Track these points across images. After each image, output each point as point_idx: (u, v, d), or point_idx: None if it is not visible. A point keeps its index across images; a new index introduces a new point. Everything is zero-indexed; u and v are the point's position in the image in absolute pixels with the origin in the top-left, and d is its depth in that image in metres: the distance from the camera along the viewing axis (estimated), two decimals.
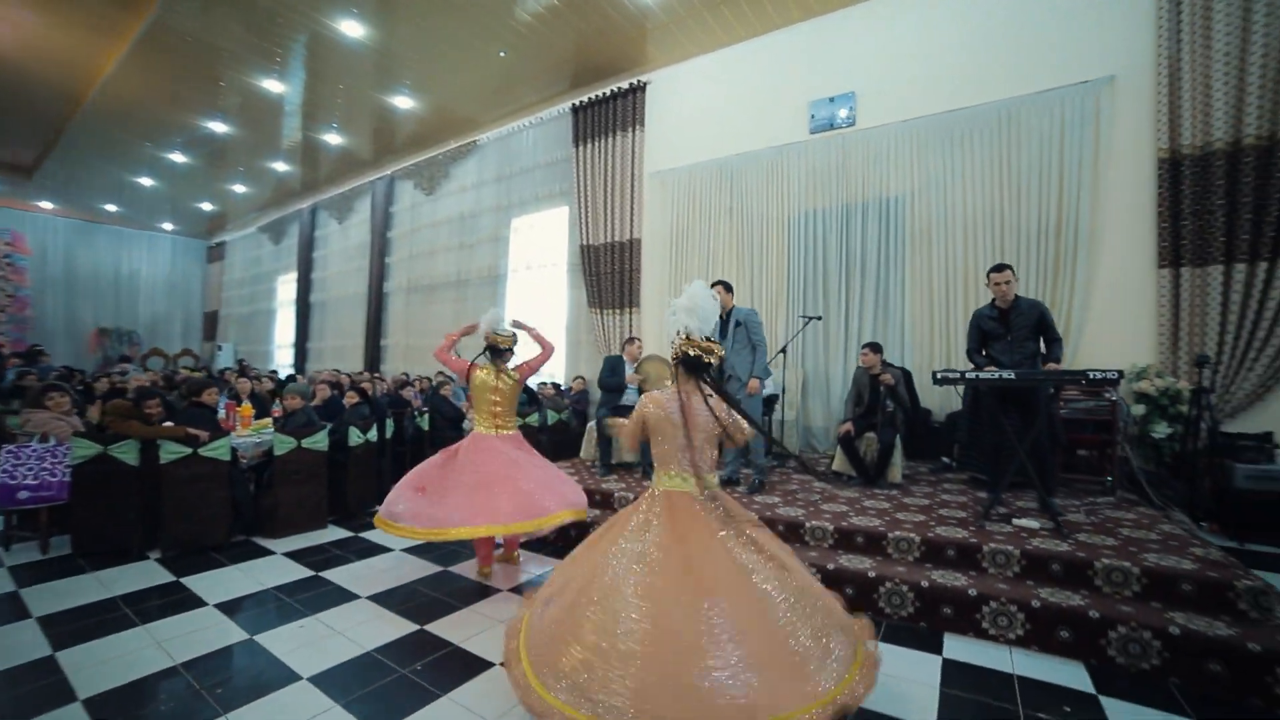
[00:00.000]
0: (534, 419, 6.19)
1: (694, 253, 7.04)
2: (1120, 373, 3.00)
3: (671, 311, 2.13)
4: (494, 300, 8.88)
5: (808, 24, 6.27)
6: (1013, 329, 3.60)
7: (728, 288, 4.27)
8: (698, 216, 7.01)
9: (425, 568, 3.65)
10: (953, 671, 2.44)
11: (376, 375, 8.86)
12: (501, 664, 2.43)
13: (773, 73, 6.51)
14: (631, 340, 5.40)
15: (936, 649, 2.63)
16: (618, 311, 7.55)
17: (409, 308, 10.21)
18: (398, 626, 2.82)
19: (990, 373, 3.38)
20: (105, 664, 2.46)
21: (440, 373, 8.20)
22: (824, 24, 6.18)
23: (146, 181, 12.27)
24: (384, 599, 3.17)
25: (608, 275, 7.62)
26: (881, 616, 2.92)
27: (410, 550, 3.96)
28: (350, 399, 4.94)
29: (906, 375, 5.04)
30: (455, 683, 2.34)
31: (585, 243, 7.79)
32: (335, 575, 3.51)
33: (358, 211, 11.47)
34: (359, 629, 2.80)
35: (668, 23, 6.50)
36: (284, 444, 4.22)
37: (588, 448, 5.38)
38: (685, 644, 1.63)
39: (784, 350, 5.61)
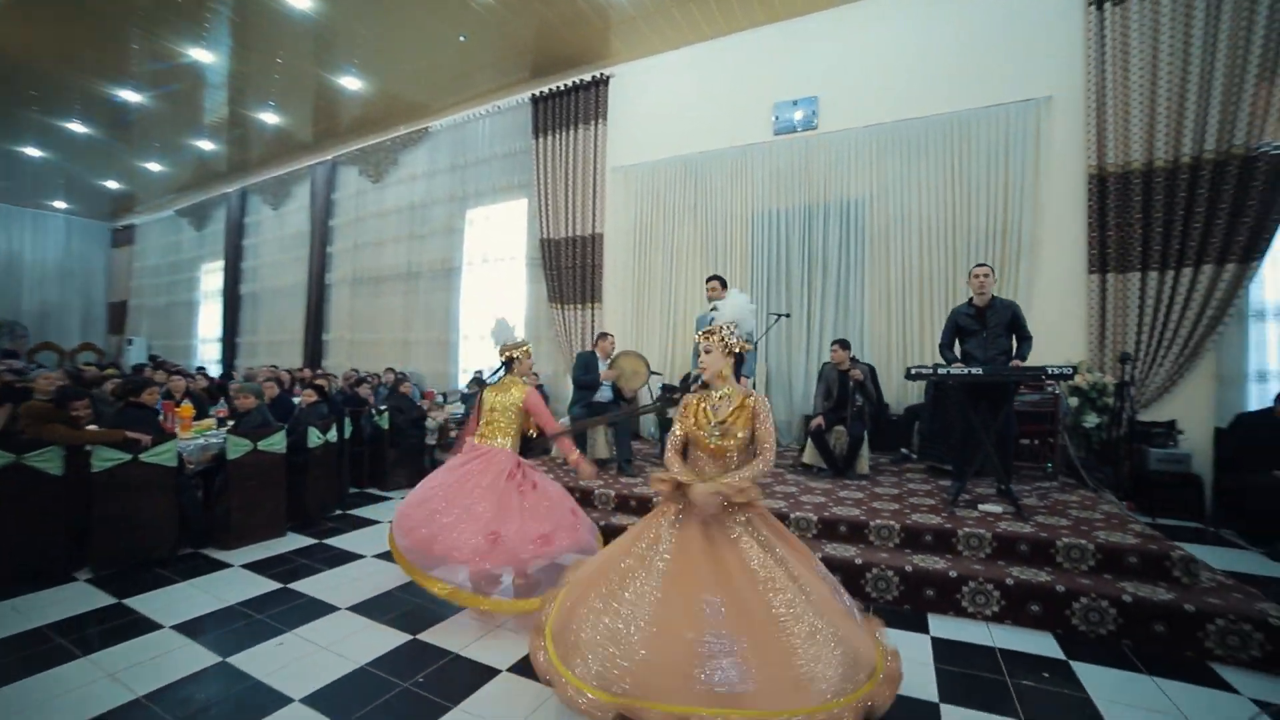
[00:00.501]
0: None
1: (657, 249, 7.07)
2: (1075, 369, 3.30)
3: (730, 321, 2.08)
4: (448, 294, 8.56)
5: (773, 27, 6.42)
6: (988, 326, 3.85)
7: (724, 283, 4.23)
8: (661, 213, 7.04)
9: (404, 574, 3.49)
10: (942, 649, 2.60)
11: (323, 372, 8.34)
12: (509, 670, 2.38)
13: (738, 73, 6.62)
14: (604, 336, 5.36)
15: (923, 629, 2.80)
16: (579, 307, 7.47)
17: (355, 300, 9.66)
18: (388, 637, 2.69)
19: (959, 369, 3.61)
20: (47, 705, 2.18)
21: (391, 369, 7.84)
22: (788, 28, 6.34)
23: (32, 152, 10.85)
24: (367, 609, 3.00)
25: (569, 270, 7.52)
26: (868, 601, 3.07)
27: (383, 555, 3.78)
28: (308, 397, 4.62)
29: (871, 371, 5.29)
30: (464, 693, 2.26)
31: (545, 236, 7.65)
32: (306, 586, 3.29)
33: (295, 197, 10.71)
34: (346, 643, 2.64)
35: (634, 16, 6.47)
36: (238, 447, 3.90)
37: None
38: (686, 636, 1.68)
39: (754, 346, 5.74)
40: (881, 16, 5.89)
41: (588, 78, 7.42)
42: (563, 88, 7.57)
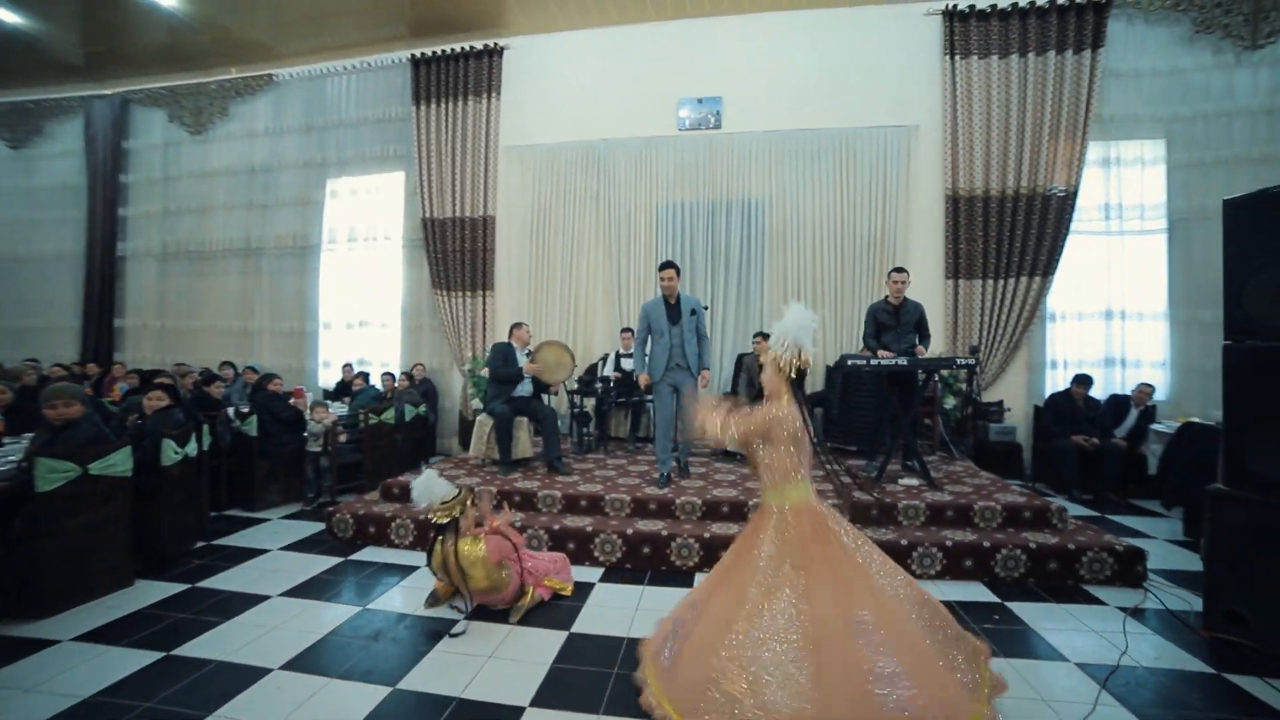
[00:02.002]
0: (389, 415, 5.31)
1: (556, 235, 6.78)
2: (976, 359, 3.90)
3: (794, 327, 2.04)
4: (303, 276, 7.26)
5: (680, 23, 6.51)
6: (902, 322, 4.36)
7: (678, 271, 4.11)
8: (561, 198, 6.77)
9: (332, 609, 2.89)
10: None
11: (118, 367, 6.50)
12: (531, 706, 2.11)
13: (643, 63, 6.60)
14: (519, 325, 4.98)
15: None
16: (468, 294, 6.87)
17: (167, 280, 7.68)
18: (363, 694, 2.19)
19: (888, 359, 4.04)
20: None
21: (251, 368, 6.43)
22: (695, 27, 6.49)
23: None
24: (312, 663, 2.42)
25: (456, 254, 6.87)
26: None
27: (290, 593, 3.08)
28: (153, 401, 3.52)
29: None
30: None
31: (428, 216, 6.89)
32: (204, 648, 2.54)
33: (56, 138, 8.14)
34: (309, 711, 2.10)
35: None
36: (57, 474, 2.85)
37: (477, 444, 4.82)
38: (847, 659, 1.67)
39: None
40: (780, 31, 6.32)
41: (479, 45, 6.82)
42: (449, 52, 6.85)
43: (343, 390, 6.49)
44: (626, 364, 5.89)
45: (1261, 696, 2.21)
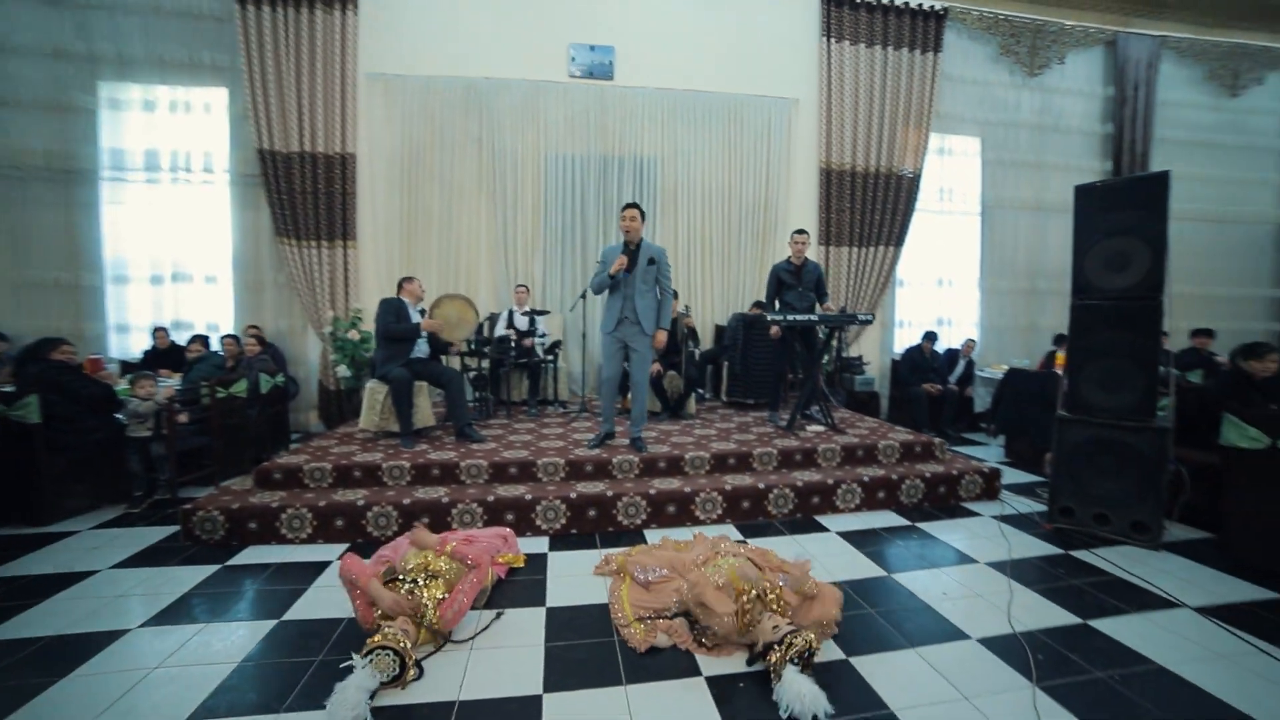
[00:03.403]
0: (240, 387, 4.32)
1: (432, 180, 6.02)
2: (873, 316, 4.35)
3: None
4: (70, 210, 5.47)
5: None
6: (803, 282, 4.64)
7: (642, 213, 3.70)
8: (437, 140, 6.01)
9: (231, 633, 2.28)
10: (849, 539, 3.21)
11: None
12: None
13: (532, 1, 6.04)
14: (410, 279, 4.34)
15: (821, 529, 3.38)
16: (324, 245, 5.83)
17: None
18: None
19: (808, 316, 4.30)
20: None
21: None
22: None
23: None
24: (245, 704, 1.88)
25: (307, 196, 5.75)
26: (770, 518, 3.52)
27: (156, 622, 2.37)
28: None
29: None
30: None
31: (267, 147, 5.62)
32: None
33: None
34: None
35: None
36: None
37: (369, 415, 4.14)
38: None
39: (583, 296, 5.55)
40: None
41: None
42: None
43: (158, 359, 5.09)
44: (521, 322, 5.53)
45: (1093, 562, 2.89)
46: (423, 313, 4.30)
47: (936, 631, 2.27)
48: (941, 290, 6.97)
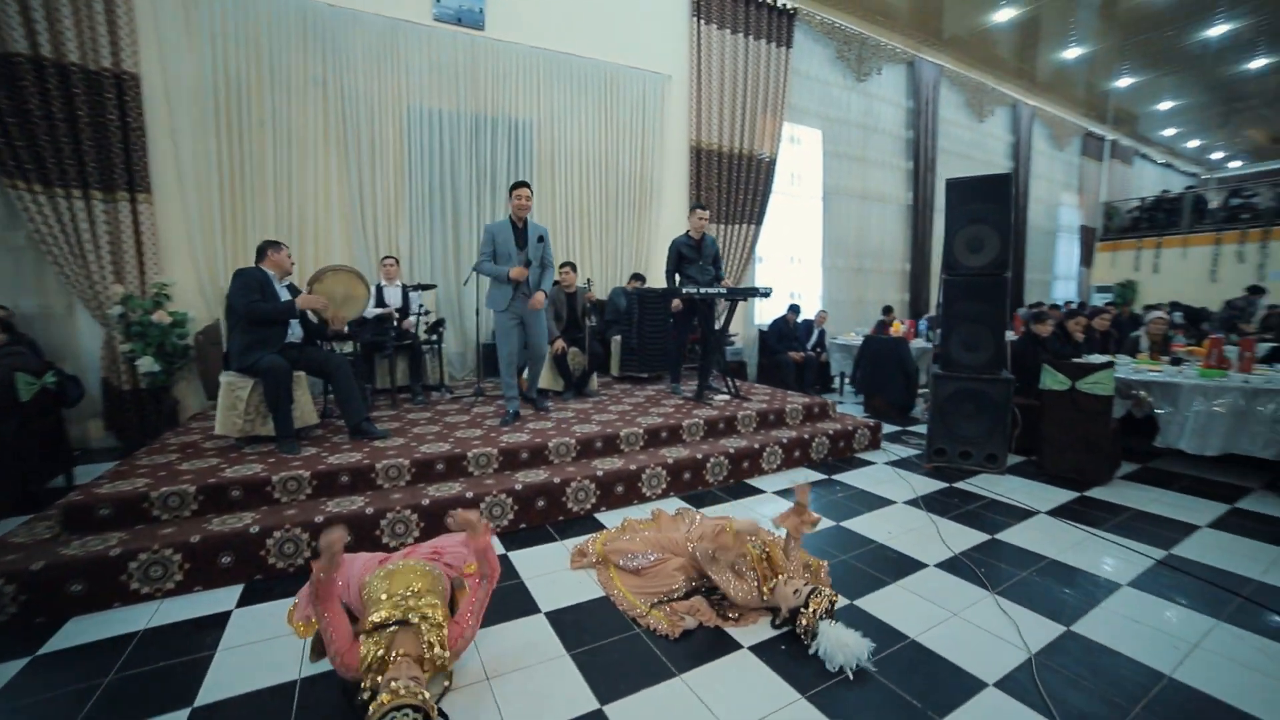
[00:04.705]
0: None
1: (260, 124, 4.86)
2: (770, 289, 4.67)
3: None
4: None
5: None
6: (703, 256, 4.77)
7: (531, 191, 3.59)
8: (267, 74, 4.84)
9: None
10: (786, 497, 3.47)
11: None
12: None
13: None
14: (278, 246, 3.45)
15: (756, 490, 3.61)
16: (99, 197, 4.35)
17: None
18: None
19: (711, 289, 4.44)
20: None
21: None
22: None
23: None
24: None
25: (56, 126, 4.19)
26: (708, 486, 3.64)
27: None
28: None
29: None
30: None
31: None
32: None
33: None
34: None
35: None
36: None
37: (229, 417, 3.21)
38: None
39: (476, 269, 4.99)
40: None
41: None
42: None
43: None
44: (393, 298, 4.84)
45: (972, 490, 3.56)
46: (291, 288, 3.46)
47: (903, 565, 2.59)
48: (793, 267, 7.80)
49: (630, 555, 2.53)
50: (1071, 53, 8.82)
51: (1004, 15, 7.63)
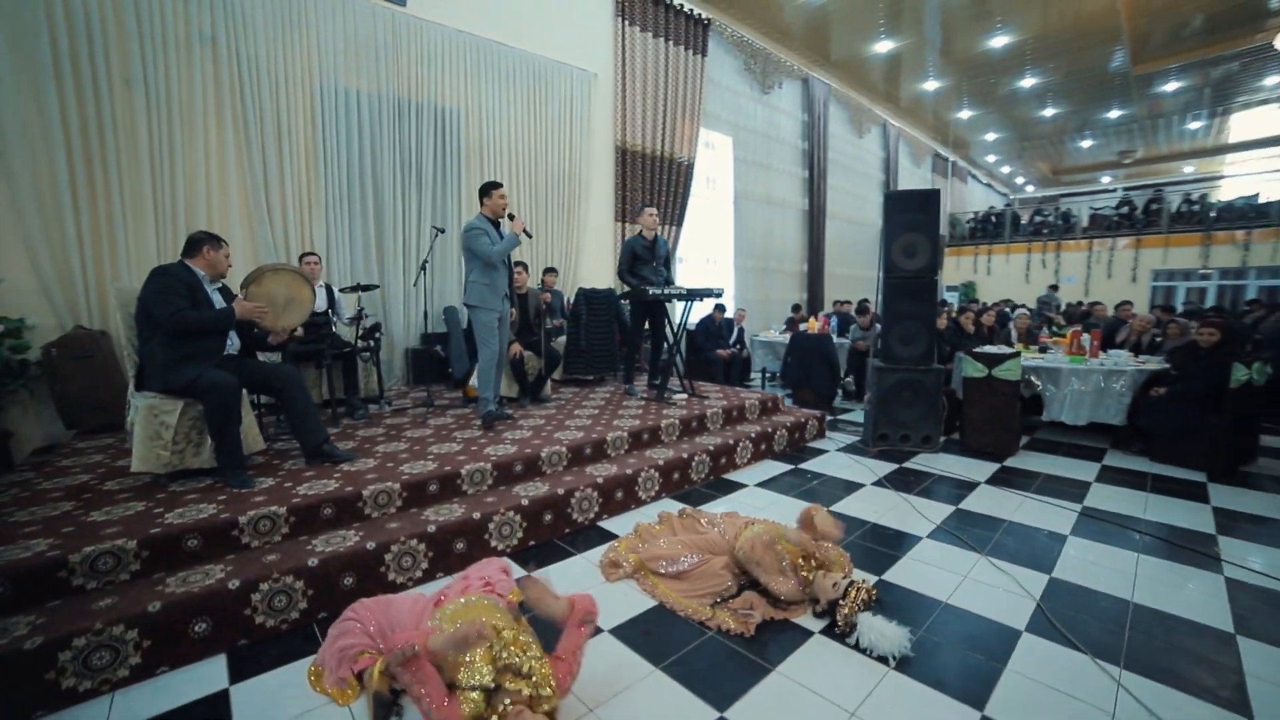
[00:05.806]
0: None
1: (113, 74, 3.94)
2: (722, 290, 4.86)
3: None
4: None
5: None
6: (656, 256, 4.80)
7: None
8: (132, 22, 3.98)
9: None
10: (768, 488, 3.67)
11: None
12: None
13: None
14: (217, 243, 2.86)
15: (739, 485, 3.75)
16: None
17: None
18: None
19: (673, 289, 4.50)
20: None
21: None
22: None
23: None
24: None
25: None
26: (693, 484, 3.71)
27: None
28: None
29: None
30: None
31: None
32: None
33: None
34: None
35: None
36: None
37: (151, 449, 2.57)
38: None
39: (424, 267, 4.53)
40: None
41: None
42: None
43: None
44: (318, 301, 4.27)
45: (918, 468, 4.03)
46: (224, 290, 2.90)
47: (905, 541, 2.87)
48: (709, 267, 8.14)
49: (669, 560, 2.52)
50: (929, 85, 10.27)
51: (883, 46, 8.66)
